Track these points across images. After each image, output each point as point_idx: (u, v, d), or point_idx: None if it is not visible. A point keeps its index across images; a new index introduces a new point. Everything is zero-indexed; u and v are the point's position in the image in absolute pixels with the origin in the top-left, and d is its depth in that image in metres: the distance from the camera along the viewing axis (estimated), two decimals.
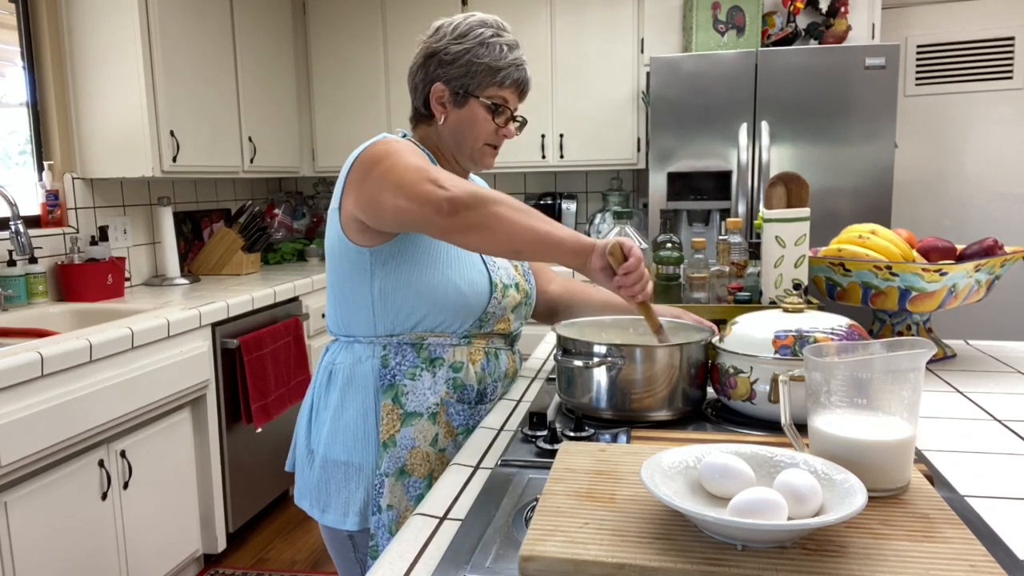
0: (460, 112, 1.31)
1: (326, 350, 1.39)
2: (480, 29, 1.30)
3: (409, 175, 1.13)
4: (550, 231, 1.11)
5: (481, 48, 1.29)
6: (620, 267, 1.10)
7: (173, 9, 2.90)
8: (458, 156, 1.36)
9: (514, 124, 1.36)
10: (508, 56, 1.30)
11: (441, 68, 1.30)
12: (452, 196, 1.08)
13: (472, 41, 1.29)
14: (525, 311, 1.41)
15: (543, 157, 3.76)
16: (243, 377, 2.68)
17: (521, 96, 1.35)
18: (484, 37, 1.29)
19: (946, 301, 1.43)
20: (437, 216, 1.09)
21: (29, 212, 2.76)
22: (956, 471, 0.96)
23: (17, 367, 1.79)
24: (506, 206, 1.10)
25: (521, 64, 1.32)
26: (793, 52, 2.99)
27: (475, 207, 1.09)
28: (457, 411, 1.30)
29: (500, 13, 3.62)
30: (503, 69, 1.29)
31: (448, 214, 1.08)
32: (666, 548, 0.67)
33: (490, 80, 1.29)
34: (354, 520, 1.28)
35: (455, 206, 1.08)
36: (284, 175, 3.83)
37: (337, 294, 1.32)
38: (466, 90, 1.30)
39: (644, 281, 1.12)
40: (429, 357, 1.29)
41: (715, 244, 1.64)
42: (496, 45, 1.29)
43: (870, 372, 0.81)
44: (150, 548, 2.31)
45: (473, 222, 1.09)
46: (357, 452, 1.29)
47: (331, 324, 1.37)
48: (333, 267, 1.32)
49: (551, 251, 1.12)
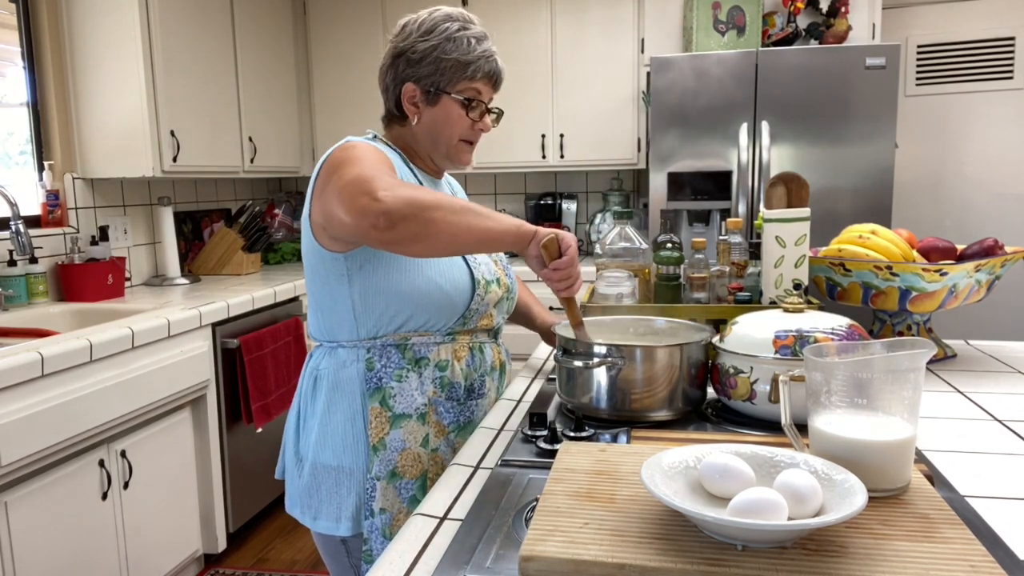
0: (433, 110, 1.30)
1: (310, 356, 1.37)
2: (446, 24, 1.28)
3: (349, 189, 1.10)
4: (490, 226, 1.10)
5: (448, 43, 1.26)
6: (551, 262, 1.10)
7: (173, 9, 2.90)
8: (434, 155, 1.35)
9: (490, 116, 1.34)
10: (477, 48, 1.27)
11: (410, 67, 1.28)
12: (386, 209, 1.05)
13: (439, 37, 1.27)
14: (507, 305, 1.41)
15: (543, 157, 3.76)
16: (243, 377, 2.67)
17: (495, 87, 1.33)
18: (451, 32, 1.27)
19: (946, 301, 1.43)
20: (374, 231, 1.07)
21: (29, 212, 2.76)
22: (956, 471, 0.96)
23: (17, 367, 1.79)
24: (443, 210, 1.07)
25: (491, 55, 1.30)
26: (793, 52, 2.99)
27: (410, 217, 1.05)
28: (446, 409, 1.30)
29: (500, 13, 3.64)
30: (473, 63, 1.27)
31: (384, 228, 1.06)
32: (666, 548, 0.67)
33: (460, 75, 1.27)
34: (347, 525, 1.27)
35: (391, 219, 1.05)
36: (284, 175, 3.83)
37: (317, 300, 1.31)
38: (437, 87, 1.28)
39: (573, 279, 1.12)
40: (414, 357, 1.28)
41: (715, 244, 1.64)
42: (463, 39, 1.27)
43: (870, 372, 0.81)
44: (150, 548, 2.31)
45: (410, 233, 1.06)
46: (347, 457, 1.27)
47: (313, 330, 1.35)
48: (310, 274, 1.30)
49: (492, 245, 1.11)
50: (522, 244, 1.12)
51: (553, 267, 1.10)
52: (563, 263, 1.10)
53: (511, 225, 1.11)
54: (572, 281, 1.12)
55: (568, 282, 1.12)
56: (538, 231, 1.11)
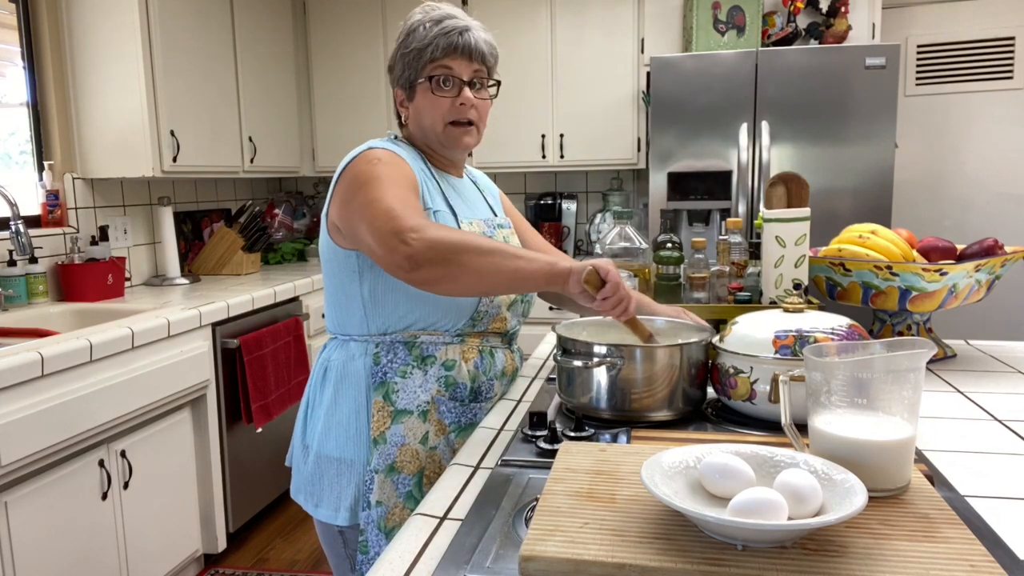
0: (414, 104, 1.33)
1: (323, 348, 1.40)
2: (411, 22, 1.31)
3: (379, 221, 1.11)
4: (519, 267, 1.09)
5: (408, 38, 1.30)
6: (598, 293, 1.09)
7: (173, 9, 2.90)
8: (432, 146, 1.36)
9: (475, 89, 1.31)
10: (433, 30, 1.27)
11: (392, 75, 1.36)
12: (412, 253, 1.06)
13: (404, 35, 1.31)
14: (523, 308, 1.41)
15: (543, 157, 3.76)
16: (243, 377, 2.68)
17: (470, 58, 1.29)
18: (412, 26, 1.30)
19: (946, 301, 1.43)
20: (400, 271, 1.09)
21: (29, 212, 2.76)
22: (956, 471, 0.96)
23: (17, 367, 1.79)
24: (470, 253, 1.07)
25: (451, 30, 1.27)
26: (793, 52, 2.99)
27: (437, 261, 1.07)
28: (449, 409, 1.30)
29: (500, 13, 3.63)
30: (429, 44, 1.27)
31: (409, 270, 1.08)
32: (666, 548, 0.67)
33: (421, 60, 1.28)
34: (344, 515, 1.30)
35: (416, 263, 1.07)
36: (284, 175, 3.83)
37: (331, 294, 1.34)
38: (410, 82, 1.31)
39: (624, 303, 1.10)
40: (421, 355, 1.29)
41: (715, 244, 1.64)
42: (419, 27, 1.29)
43: (870, 372, 0.81)
44: (150, 548, 2.31)
45: (436, 275, 1.08)
46: (349, 448, 1.30)
47: (328, 322, 1.39)
48: (325, 268, 1.34)
49: (522, 285, 1.11)
50: (558, 283, 1.10)
51: (602, 297, 1.09)
52: (608, 291, 1.08)
53: (544, 264, 1.10)
54: (626, 305, 1.11)
55: (622, 307, 1.11)
56: (573, 268, 1.09)
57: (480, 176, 1.54)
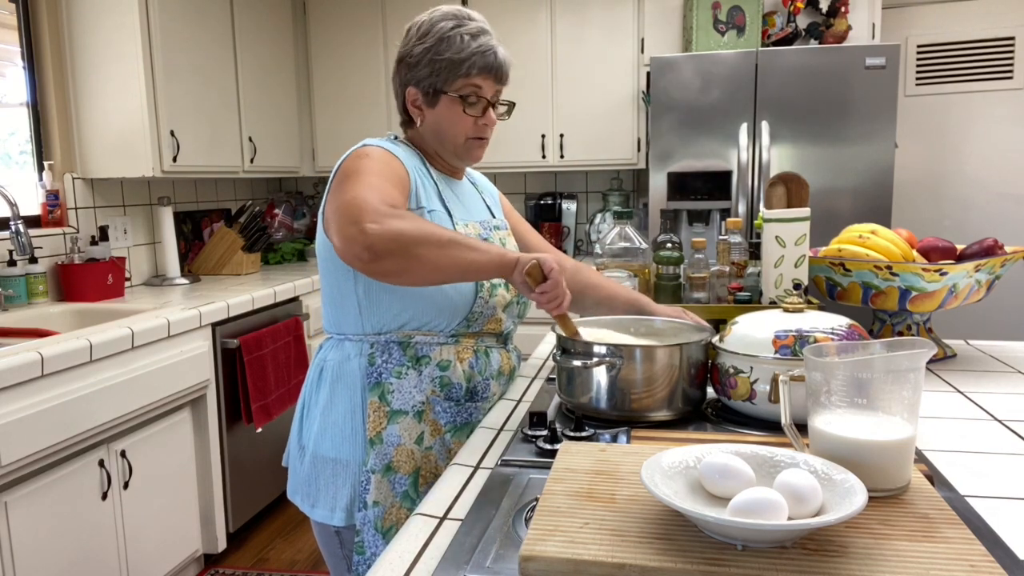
0: (435, 111, 1.31)
1: (319, 347, 1.40)
2: (441, 24, 1.29)
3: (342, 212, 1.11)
4: (473, 259, 1.11)
5: (441, 44, 1.28)
6: (537, 287, 1.12)
7: (173, 9, 2.90)
8: (443, 154, 1.36)
9: (496, 111, 1.35)
10: (471, 45, 1.28)
11: (410, 71, 1.31)
12: (370, 243, 1.06)
13: (432, 39, 1.29)
14: (519, 310, 1.41)
15: (543, 157, 3.76)
16: (243, 377, 2.67)
17: (497, 80, 1.33)
18: (444, 31, 1.28)
19: (946, 301, 1.43)
20: (358, 262, 1.09)
21: (29, 212, 2.76)
22: (956, 471, 0.96)
23: (17, 367, 1.79)
24: (429, 245, 1.08)
25: (488, 49, 1.29)
26: (793, 52, 2.99)
27: (396, 252, 1.07)
28: (444, 409, 1.30)
29: (500, 13, 3.63)
30: (466, 60, 1.28)
31: (368, 260, 1.08)
32: (666, 548, 0.67)
33: (455, 73, 1.28)
34: (340, 516, 1.30)
35: (375, 253, 1.07)
36: (284, 175, 3.83)
37: (327, 293, 1.34)
38: (435, 88, 1.30)
39: (559, 300, 1.14)
40: (416, 355, 1.30)
41: (715, 244, 1.64)
42: (456, 37, 1.28)
43: (870, 372, 0.81)
44: (150, 548, 2.31)
45: (394, 267, 1.09)
46: (345, 448, 1.30)
47: (324, 321, 1.39)
48: (322, 268, 1.34)
49: (475, 275, 1.14)
50: (505, 272, 1.13)
51: (540, 291, 1.13)
52: (548, 286, 1.12)
53: (495, 255, 1.13)
54: (560, 301, 1.14)
55: (556, 302, 1.14)
56: (520, 259, 1.12)
57: (479, 178, 1.54)
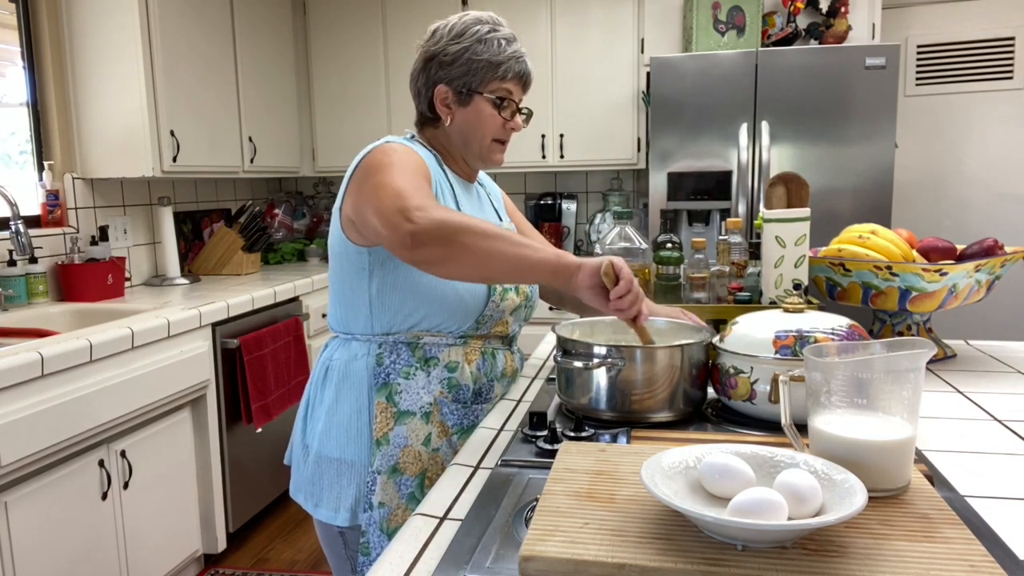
0: (466, 111, 1.32)
1: (325, 346, 1.40)
2: (476, 26, 1.31)
3: (387, 201, 1.10)
4: (524, 254, 1.07)
5: (479, 45, 1.29)
6: (613, 290, 1.06)
7: (173, 9, 2.90)
8: (467, 155, 1.37)
9: (520, 116, 1.37)
10: (507, 50, 1.31)
11: (442, 70, 1.31)
12: (415, 230, 1.05)
13: (470, 39, 1.30)
14: (525, 313, 1.42)
15: (543, 157, 3.76)
16: (243, 377, 2.67)
17: (524, 88, 1.36)
18: (481, 34, 1.30)
19: (946, 301, 1.43)
20: (403, 249, 1.08)
21: (29, 212, 2.76)
22: (956, 471, 0.96)
23: (17, 367, 1.79)
24: (474, 235, 1.06)
25: (521, 56, 1.33)
26: (793, 52, 2.99)
27: (440, 241, 1.06)
28: (451, 410, 1.30)
29: (500, 13, 3.61)
30: (503, 63, 1.30)
31: (412, 247, 1.07)
32: (666, 548, 0.67)
33: (492, 75, 1.30)
34: (344, 516, 1.29)
35: (418, 240, 1.06)
36: (284, 175, 3.83)
37: (337, 291, 1.34)
38: (469, 88, 1.30)
39: (640, 302, 1.08)
40: (424, 356, 1.29)
41: (715, 244, 1.64)
42: (494, 40, 1.30)
43: (870, 372, 0.81)
44: (150, 548, 2.31)
45: (438, 256, 1.07)
46: (350, 449, 1.29)
47: (331, 321, 1.38)
48: (334, 264, 1.33)
49: (526, 273, 1.09)
50: (565, 277, 1.07)
51: (616, 296, 1.06)
52: (622, 288, 1.05)
53: (551, 255, 1.07)
54: (640, 304, 1.09)
55: (636, 307, 1.08)
56: (583, 264, 1.06)
57: (486, 180, 1.55)
